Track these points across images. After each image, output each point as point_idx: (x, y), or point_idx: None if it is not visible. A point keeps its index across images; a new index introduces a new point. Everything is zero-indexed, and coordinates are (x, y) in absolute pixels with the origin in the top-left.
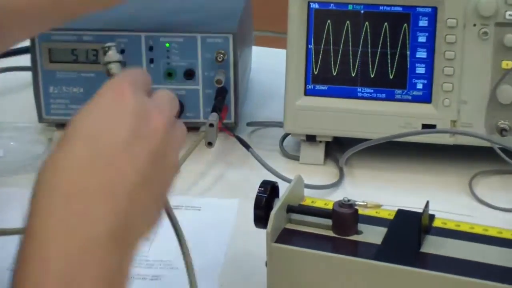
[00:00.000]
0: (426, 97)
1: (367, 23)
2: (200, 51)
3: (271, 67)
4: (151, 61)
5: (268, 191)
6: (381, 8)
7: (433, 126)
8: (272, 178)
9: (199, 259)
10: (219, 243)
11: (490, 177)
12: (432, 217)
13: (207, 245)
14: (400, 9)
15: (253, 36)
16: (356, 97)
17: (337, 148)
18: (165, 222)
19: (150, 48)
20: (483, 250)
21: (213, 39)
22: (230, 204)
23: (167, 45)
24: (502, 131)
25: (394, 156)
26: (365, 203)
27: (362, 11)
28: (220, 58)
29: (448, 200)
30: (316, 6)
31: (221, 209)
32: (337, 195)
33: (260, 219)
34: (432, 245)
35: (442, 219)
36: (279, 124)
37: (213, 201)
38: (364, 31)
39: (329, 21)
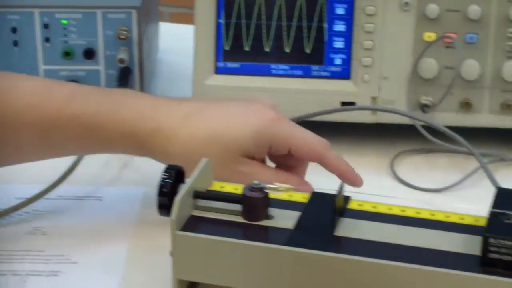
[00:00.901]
0: (345, 73)
1: None
2: (100, 28)
3: (180, 45)
4: (47, 40)
5: (173, 177)
6: None
7: (353, 104)
8: None
9: (100, 251)
10: (121, 234)
11: (412, 157)
12: (347, 198)
13: (108, 237)
14: None
15: (158, 11)
16: (270, 74)
17: None
18: (63, 214)
19: (45, 26)
20: (401, 232)
21: (115, 15)
22: (134, 193)
23: (64, 22)
24: (424, 108)
25: None
26: (276, 186)
27: None
28: (123, 35)
29: (368, 181)
30: None
31: (124, 199)
32: None
33: (164, 207)
34: (347, 228)
35: (359, 201)
36: None
37: (115, 191)
38: (278, 3)
39: None
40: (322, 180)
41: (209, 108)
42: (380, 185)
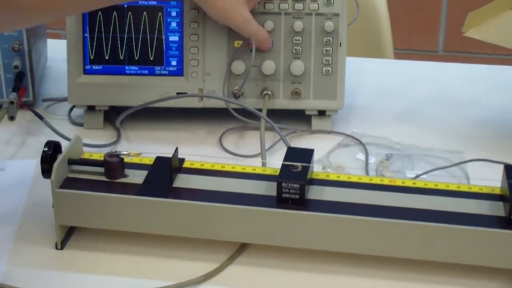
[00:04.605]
0: (179, 71)
1: (130, 13)
2: None
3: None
4: None
5: (52, 149)
6: (140, 2)
7: (185, 93)
8: (62, 141)
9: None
10: (19, 194)
11: (235, 134)
12: (182, 160)
13: (9, 196)
14: (155, 3)
15: (45, 30)
16: (125, 73)
17: (114, 115)
18: None
19: None
20: (229, 183)
21: (10, 32)
22: (28, 164)
23: None
24: (235, 95)
25: (159, 120)
26: (128, 153)
27: (125, 6)
28: (16, 47)
29: (203, 152)
30: None
31: (22, 168)
32: None
33: (47, 171)
34: (182, 181)
35: (191, 161)
36: (67, 99)
37: (15, 162)
38: (127, 21)
39: (100, 13)
40: None
41: None
42: (210, 153)
